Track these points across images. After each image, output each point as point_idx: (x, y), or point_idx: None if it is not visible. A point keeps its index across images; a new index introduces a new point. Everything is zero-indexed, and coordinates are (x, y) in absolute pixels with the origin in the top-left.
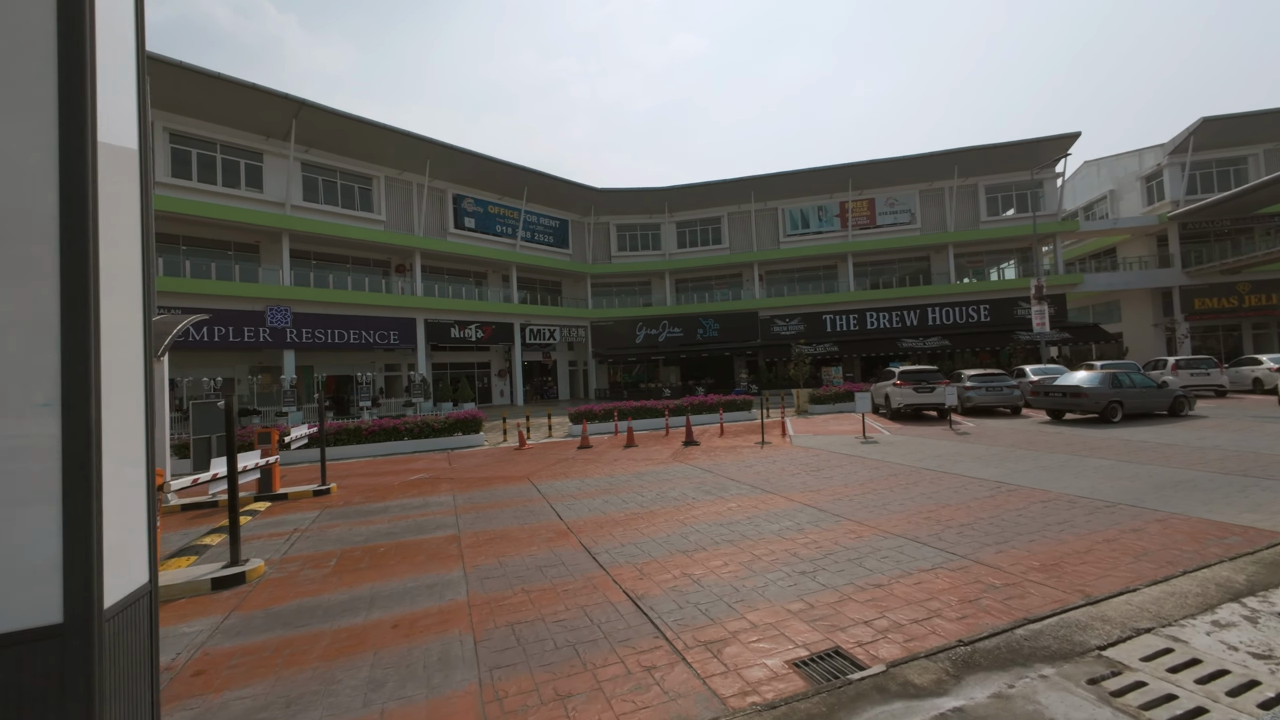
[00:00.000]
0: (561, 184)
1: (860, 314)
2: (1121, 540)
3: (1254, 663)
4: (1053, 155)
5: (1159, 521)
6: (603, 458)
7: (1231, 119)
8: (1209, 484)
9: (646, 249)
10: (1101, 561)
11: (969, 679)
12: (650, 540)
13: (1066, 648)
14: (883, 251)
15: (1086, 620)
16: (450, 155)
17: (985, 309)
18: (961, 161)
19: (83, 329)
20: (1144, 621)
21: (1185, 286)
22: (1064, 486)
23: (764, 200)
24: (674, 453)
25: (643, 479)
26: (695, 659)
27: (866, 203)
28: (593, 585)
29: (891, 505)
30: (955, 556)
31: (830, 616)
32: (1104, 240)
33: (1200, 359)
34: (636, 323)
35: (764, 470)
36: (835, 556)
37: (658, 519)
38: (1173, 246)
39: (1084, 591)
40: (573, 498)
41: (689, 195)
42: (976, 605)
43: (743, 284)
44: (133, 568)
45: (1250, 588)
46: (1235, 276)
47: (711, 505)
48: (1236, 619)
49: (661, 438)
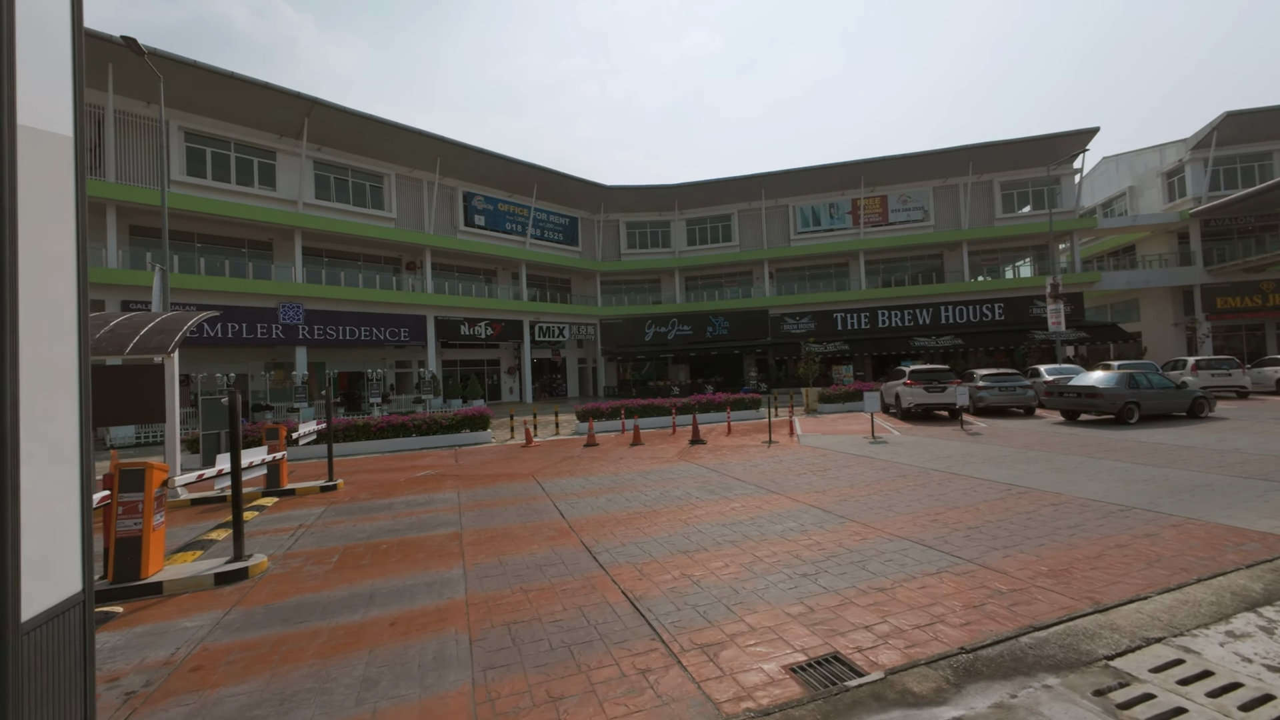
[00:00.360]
0: (571, 181)
1: (871, 312)
2: (1134, 546)
3: (1269, 676)
4: (1070, 151)
5: (1174, 527)
6: (608, 456)
7: (1256, 113)
8: (1228, 488)
9: (656, 246)
10: (1113, 567)
11: (970, 688)
12: (651, 540)
13: (1073, 657)
14: (895, 249)
15: (1095, 629)
16: (460, 153)
17: (1000, 307)
18: (977, 158)
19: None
20: (1155, 631)
21: (1207, 285)
22: (1076, 489)
23: (775, 197)
24: (680, 451)
25: (647, 478)
26: (691, 662)
27: (879, 200)
28: (591, 585)
29: (898, 507)
30: (961, 560)
31: (830, 620)
32: (1123, 238)
33: (1221, 359)
34: (646, 320)
35: (769, 470)
36: (838, 559)
37: (660, 518)
38: (1194, 244)
39: (1093, 598)
40: (576, 496)
41: (699, 192)
42: (981, 611)
43: (753, 282)
44: (59, 576)
45: (1268, 597)
46: (1259, 275)
47: (715, 505)
48: (1252, 629)
49: (668, 436)
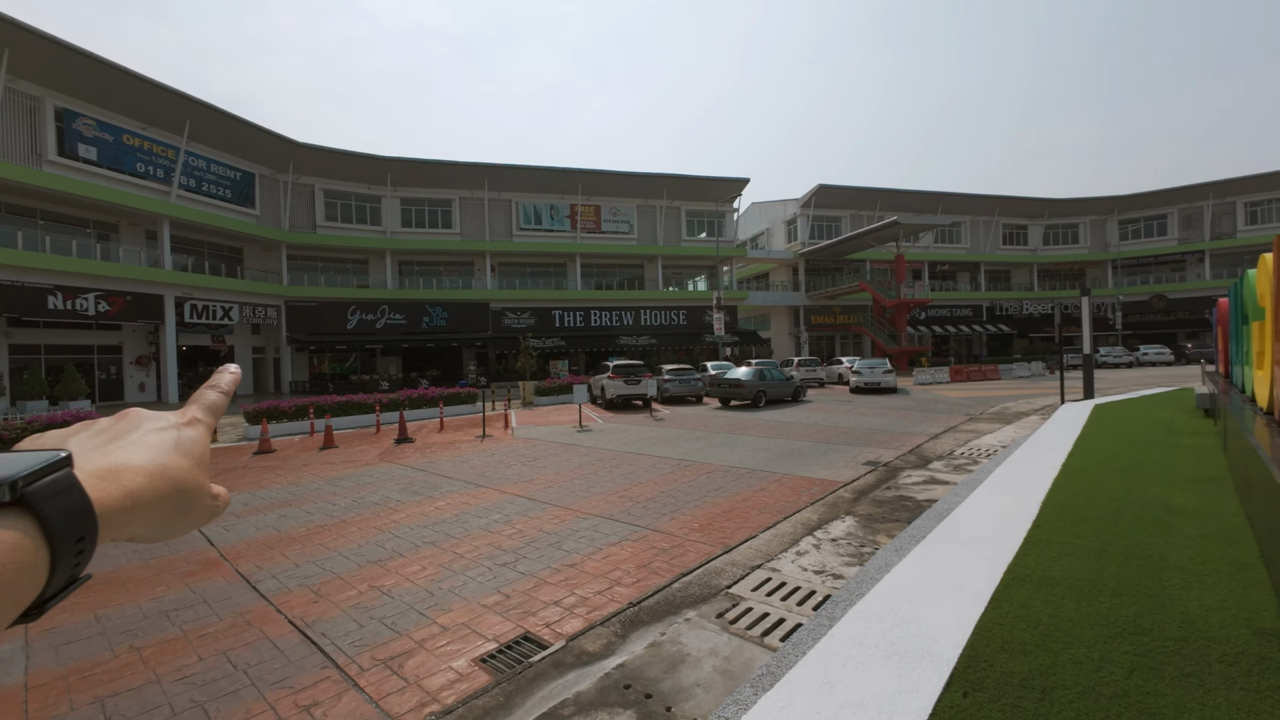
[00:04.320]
0: (246, 127)
1: (586, 311)
2: (753, 498)
3: (814, 578)
4: (730, 194)
5: (777, 481)
6: (288, 464)
7: (835, 188)
8: (809, 450)
9: (364, 223)
10: (740, 517)
11: (633, 636)
12: (336, 555)
13: (706, 592)
14: (606, 255)
15: (723, 566)
16: (48, 48)
17: (683, 314)
18: (670, 186)
19: None
20: (757, 560)
21: (807, 306)
22: (722, 459)
23: (499, 190)
24: (383, 452)
25: (338, 485)
26: (370, 681)
27: (594, 208)
28: (245, 622)
29: (595, 488)
30: (638, 528)
31: (525, 604)
32: (762, 266)
33: (810, 359)
34: (350, 306)
35: (480, 464)
36: (537, 543)
37: (350, 529)
38: (801, 276)
39: (724, 543)
40: (234, 516)
41: (417, 171)
42: (649, 569)
43: (474, 273)
44: None
45: (820, 523)
46: (833, 301)
47: (418, 506)
48: (808, 548)
49: (370, 436)
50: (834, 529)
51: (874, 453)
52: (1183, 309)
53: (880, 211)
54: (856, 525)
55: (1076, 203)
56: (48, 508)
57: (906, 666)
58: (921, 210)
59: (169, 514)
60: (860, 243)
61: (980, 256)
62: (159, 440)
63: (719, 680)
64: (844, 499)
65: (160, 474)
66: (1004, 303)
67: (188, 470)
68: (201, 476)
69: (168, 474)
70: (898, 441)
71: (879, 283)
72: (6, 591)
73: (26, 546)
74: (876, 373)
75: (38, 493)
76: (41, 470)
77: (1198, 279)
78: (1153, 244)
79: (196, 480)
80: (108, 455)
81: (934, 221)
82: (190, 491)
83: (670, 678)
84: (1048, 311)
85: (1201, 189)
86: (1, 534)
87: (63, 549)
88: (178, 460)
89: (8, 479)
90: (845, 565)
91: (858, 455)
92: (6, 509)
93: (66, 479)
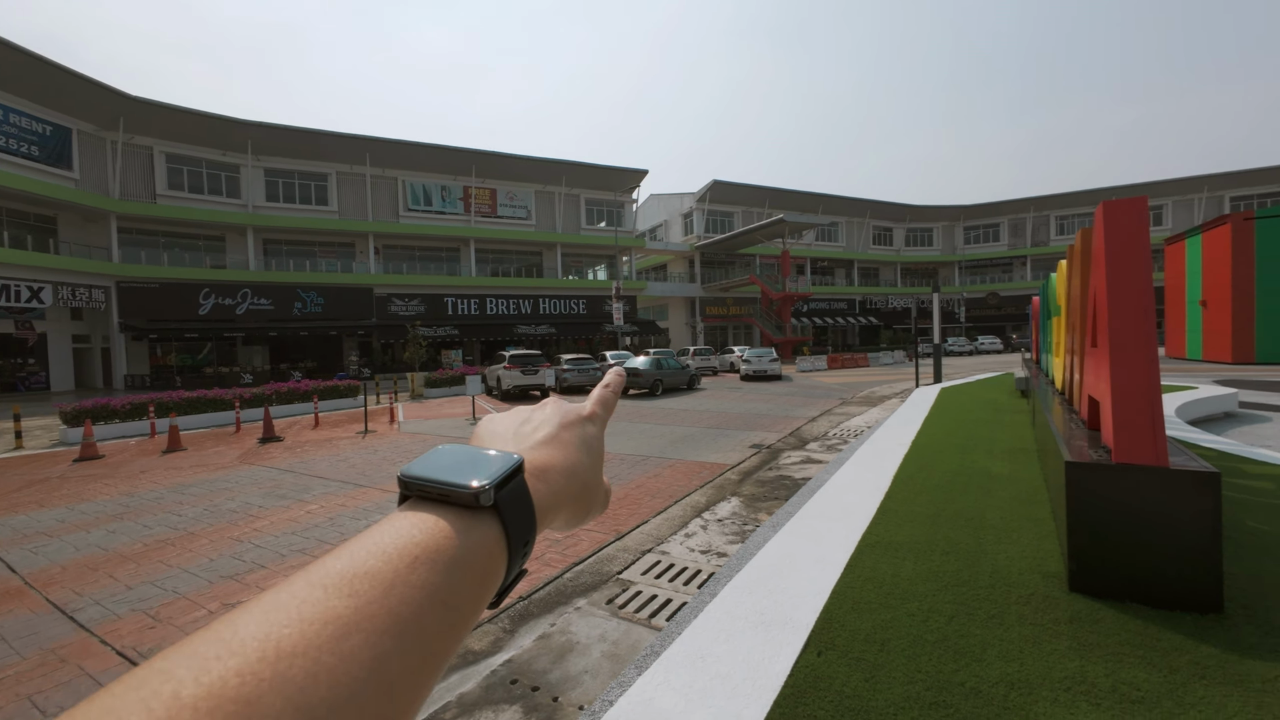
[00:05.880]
0: (57, 71)
1: (481, 299)
2: (647, 484)
3: (700, 558)
4: (629, 185)
5: (670, 466)
6: (119, 471)
7: (729, 185)
8: (701, 437)
9: (218, 194)
10: (634, 503)
11: (521, 630)
12: (181, 572)
13: (598, 579)
14: (503, 241)
15: (615, 553)
16: None
17: (583, 303)
18: (569, 173)
19: None
20: (648, 544)
21: (702, 297)
22: (619, 448)
23: (382, 166)
24: (244, 453)
25: (185, 493)
26: None
27: (489, 192)
28: (59, 659)
29: None
30: None
31: None
32: (661, 257)
33: (705, 349)
34: (202, 288)
35: (361, 462)
36: None
37: (199, 542)
38: (696, 268)
39: (618, 529)
40: (46, 536)
41: (285, 138)
42: (541, 560)
43: (355, 256)
44: None
45: (708, 505)
46: (726, 294)
47: (285, 512)
48: (696, 529)
49: (230, 436)
50: (720, 510)
51: (759, 436)
52: (1011, 305)
53: (769, 209)
54: (741, 505)
55: (931, 209)
56: (509, 513)
57: (771, 634)
58: (805, 210)
59: (575, 512)
60: (750, 238)
61: (854, 255)
62: (570, 438)
63: (607, 665)
64: (731, 481)
65: (573, 473)
66: (873, 297)
67: (592, 469)
68: (601, 474)
69: (578, 473)
70: (780, 425)
71: (767, 277)
72: (489, 584)
73: (500, 549)
74: (764, 361)
75: (505, 498)
76: (508, 476)
77: (1022, 280)
78: (989, 248)
79: (598, 478)
80: (536, 453)
81: (815, 221)
82: (593, 489)
83: (559, 668)
84: (909, 305)
85: (1024, 203)
86: (487, 534)
87: (516, 550)
88: (584, 459)
89: (491, 484)
90: (729, 544)
91: (745, 439)
92: (484, 512)
93: (521, 485)
